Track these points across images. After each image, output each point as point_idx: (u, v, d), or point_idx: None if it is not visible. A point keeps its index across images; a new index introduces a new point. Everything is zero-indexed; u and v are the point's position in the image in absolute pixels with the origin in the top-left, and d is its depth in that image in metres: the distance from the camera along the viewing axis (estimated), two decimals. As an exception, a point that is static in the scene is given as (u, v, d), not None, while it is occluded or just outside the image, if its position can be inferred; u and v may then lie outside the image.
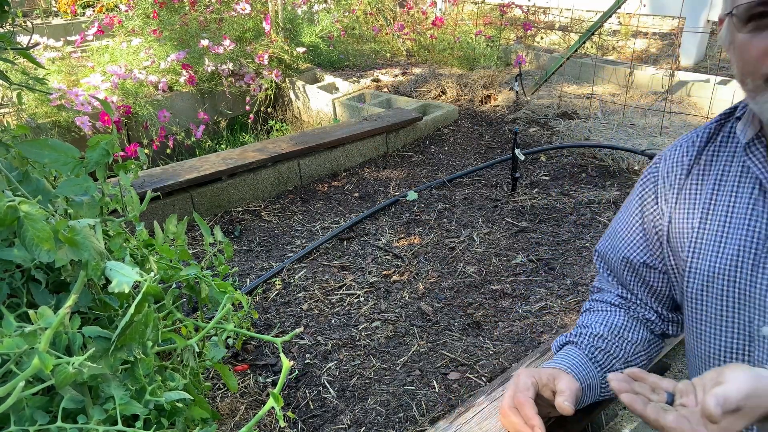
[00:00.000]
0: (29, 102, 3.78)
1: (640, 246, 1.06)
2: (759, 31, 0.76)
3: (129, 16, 5.07)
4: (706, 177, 0.96)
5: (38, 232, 0.77)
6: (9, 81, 1.26)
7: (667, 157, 1.03)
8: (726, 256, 0.90)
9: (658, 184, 1.02)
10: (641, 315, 1.10)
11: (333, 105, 4.57)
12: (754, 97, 0.81)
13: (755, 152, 0.88)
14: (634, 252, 1.06)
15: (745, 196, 0.90)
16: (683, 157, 0.99)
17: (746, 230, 0.88)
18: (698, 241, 0.95)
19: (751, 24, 0.77)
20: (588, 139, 3.70)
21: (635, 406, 0.78)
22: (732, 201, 0.91)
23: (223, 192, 3.10)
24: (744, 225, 0.88)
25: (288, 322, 2.18)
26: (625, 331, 1.06)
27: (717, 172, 0.95)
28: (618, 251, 1.09)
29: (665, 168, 1.02)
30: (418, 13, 6.40)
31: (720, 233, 0.92)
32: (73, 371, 0.73)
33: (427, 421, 1.70)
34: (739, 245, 0.89)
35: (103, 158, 1.07)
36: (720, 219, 0.92)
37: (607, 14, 4.07)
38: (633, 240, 1.07)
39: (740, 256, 0.89)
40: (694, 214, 0.96)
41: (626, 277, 1.10)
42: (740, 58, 0.81)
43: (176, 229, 1.42)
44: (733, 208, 0.91)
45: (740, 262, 0.89)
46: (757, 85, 0.79)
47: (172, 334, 1.12)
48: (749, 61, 0.78)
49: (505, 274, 2.43)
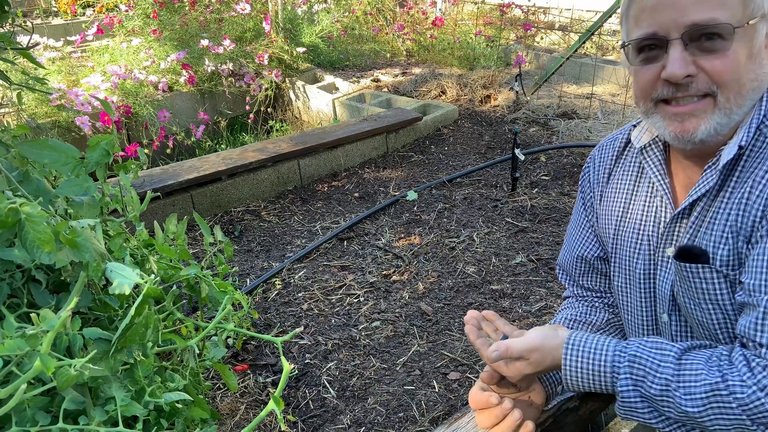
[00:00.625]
0: (29, 102, 3.78)
1: (591, 242, 1.16)
2: (647, 62, 0.88)
3: (129, 16, 5.07)
4: (623, 178, 1.07)
5: (39, 234, 0.77)
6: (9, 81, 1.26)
7: (595, 158, 1.14)
8: (642, 251, 1.02)
9: (592, 183, 1.14)
10: (601, 303, 1.19)
11: (333, 105, 4.57)
12: (647, 115, 0.93)
13: (650, 155, 1.00)
14: (587, 249, 1.16)
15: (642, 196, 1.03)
16: (605, 159, 1.12)
17: (656, 228, 1.00)
18: (618, 237, 1.07)
19: (642, 55, 0.88)
20: (588, 139, 3.70)
21: (471, 335, 1.00)
22: (647, 201, 1.02)
23: (223, 192, 3.10)
24: (654, 225, 1.00)
25: (288, 322, 2.18)
26: (585, 315, 1.17)
27: (634, 174, 1.06)
28: (573, 252, 1.19)
29: (593, 169, 1.14)
30: (418, 13, 6.40)
31: (636, 230, 1.03)
32: (74, 373, 0.73)
33: (427, 421, 1.70)
34: (649, 242, 1.01)
35: (104, 158, 1.07)
36: (637, 218, 1.03)
37: (607, 14, 4.07)
38: (584, 239, 1.17)
39: (649, 251, 1.01)
40: (613, 213, 1.08)
41: (584, 275, 1.20)
42: (635, 84, 0.93)
43: (176, 229, 1.42)
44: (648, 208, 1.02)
45: (649, 256, 1.01)
46: (648, 107, 0.91)
47: (172, 335, 1.13)
48: (641, 87, 0.90)
49: (505, 274, 2.43)
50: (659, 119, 0.90)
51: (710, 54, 0.82)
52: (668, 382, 0.83)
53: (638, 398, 0.87)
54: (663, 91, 0.87)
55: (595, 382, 0.90)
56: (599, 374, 0.89)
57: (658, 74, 0.86)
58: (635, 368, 0.87)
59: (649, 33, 0.85)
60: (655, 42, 0.86)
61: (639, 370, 0.86)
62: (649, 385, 0.85)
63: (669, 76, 0.84)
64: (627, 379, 0.87)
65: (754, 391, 0.77)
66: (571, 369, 0.91)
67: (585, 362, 0.90)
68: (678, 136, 0.87)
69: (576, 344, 0.91)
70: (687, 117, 0.86)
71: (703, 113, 0.85)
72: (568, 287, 1.25)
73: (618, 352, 0.89)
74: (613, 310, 1.18)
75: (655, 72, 0.86)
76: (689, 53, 0.83)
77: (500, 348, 0.92)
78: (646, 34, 0.86)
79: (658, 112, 0.89)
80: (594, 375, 0.90)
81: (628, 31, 0.91)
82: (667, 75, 0.84)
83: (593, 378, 0.90)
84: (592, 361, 0.90)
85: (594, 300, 1.19)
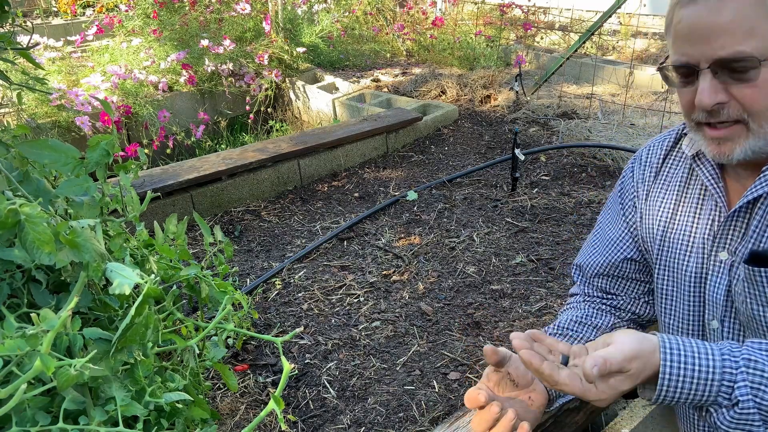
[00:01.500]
0: (29, 102, 3.78)
1: (624, 243, 1.15)
2: (685, 86, 0.91)
3: (129, 16, 5.07)
4: (672, 180, 1.07)
5: (39, 234, 0.77)
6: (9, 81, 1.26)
7: (641, 158, 1.14)
8: (692, 255, 1.01)
9: (636, 181, 1.12)
10: (608, 306, 1.18)
11: (333, 105, 4.57)
12: (692, 132, 0.95)
13: (703, 161, 1.00)
14: (619, 250, 1.15)
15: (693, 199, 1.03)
16: (653, 159, 1.11)
17: (708, 233, 0.99)
18: (666, 239, 1.05)
19: (679, 77, 0.92)
20: (588, 139, 3.70)
21: (533, 361, 0.80)
22: (699, 205, 1.02)
23: (223, 192, 3.10)
24: (706, 229, 1.00)
25: (288, 322, 2.18)
26: (590, 318, 1.15)
27: (682, 176, 1.06)
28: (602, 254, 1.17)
29: (639, 168, 1.13)
30: (418, 13, 6.40)
31: (687, 234, 1.02)
32: (74, 373, 0.73)
33: (427, 421, 1.70)
34: (702, 246, 1.00)
35: (104, 158, 1.07)
36: (687, 221, 1.02)
37: (607, 14, 4.07)
38: (618, 239, 1.15)
39: (701, 256, 1.00)
40: (660, 214, 1.07)
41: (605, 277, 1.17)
42: (680, 101, 0.95)
43: (176, 229, 1.42)
44: (700, 212, 1.01)
45: (701, 262, 1.00)
46: (692, 125, 0.94)
47: (173, 335, 1.13)
48: (684, 107, 0.94)
49: (505, 274, 2.43)
50: (700, 138, 0.93)
51: (740, 83, 0.84)
52: None
53: (755, 409, 0.76)
54: (699, 115, 0.90)
55: (698, 391, 0.78)
56: (706, 382, 0.77)
57: (693, 98, 0.89)
58: (751, 374, 0.76)
59: (682, 62, 0.89)
60: (687, 71, 0.89)
61: (755, 376, 0.76)
62: (765, 391, 0.75)
63: (698, 104, 0.88)
64: (746, 387, 0.76)
65: None
66: (672, 377, 0.77)
67: (690, 368, 0.77)
68: (716, 156, 0.91)
69: (676, 349, 0.79)
70: (723, 141, 0.89)
71: (737, 137, 0.88)
72: (580, 284, 1.23)
73: (727, 356, 0.78)
74: (619, 314, 1.17)
75: (691, 96, 0.90)
76: (719, 81, 0.86)
77: (598, 362, 0.75)
78: (679, 62, 0.89)
79: (699, 132, 0.93)
80: (699, 383, 0.77)
81: (669, 50, 0.94)
82: (696, 102, 0.88)
83: (697, 387, 0.78)
84: (698, 367, 0.77)
85: (602, 302, 1.18)
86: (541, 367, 0.80)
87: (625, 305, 1.17)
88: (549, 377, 0.80)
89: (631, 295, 1.17)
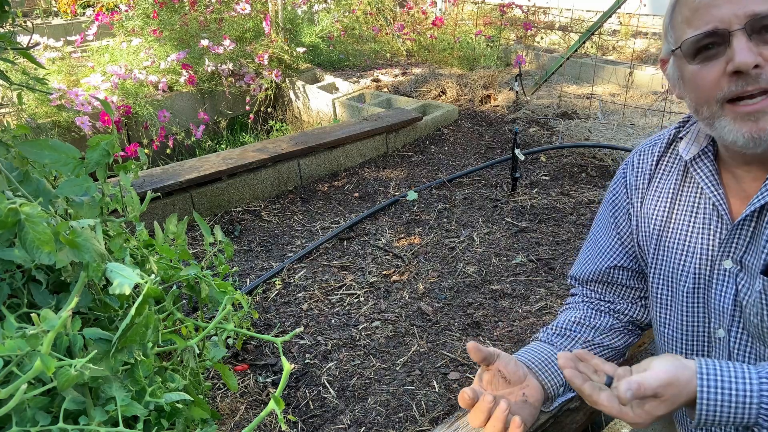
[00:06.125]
0: (29, 102, 3.78)
1: (617, 251, 1.13)
2: (707, 61, 0.84)
3: (129, 16, 5.06)
4: (665, 186, 1.04)
5: (39, 234, 0.77)
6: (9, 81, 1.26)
7: (633, 164, 1.10)
8: (688, 263, 0.99)
9: (630, 188, 1.10)
10: (607, 308, 1.17)
11: (333, 105, 4.57)
12: (711, 123, 0.87)
13: (701, 166, 0.97)
14: (612, 259, 1.14)
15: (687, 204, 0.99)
16: (645, 165, 1.08)
17: (706, 240, 0.97)
18: (661, 246, 1.03)
19: (699, 56, 0.85)
20: (588, 139, 3.70)
21: (575, 381, 0.83)
22: (693, 211, 0.99)
23: (223, 192, 3.10)
24: (704, 236, 0.97)
25: (288, 322, 2.18)
26: (589, 319, 1.14)
27: (676, 181, 1.02)
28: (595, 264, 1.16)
29: (632, 175, 1.09)
30: (418, 13, 6.40)
31: (682, 241, 1.00)
32: (75, 373, 0.73)
33: (427, 421, 1.70)
34: (700, 254, 0.97)
35: (104, 158, 1.07)
36: (682, 228, 1.00)
37: (607, 14, 4.07)
38: (610, 248, 1.14)
39: (700, 264, 0.97)
40: (654, 221, 1.04)
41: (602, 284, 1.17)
42: (693, 90, 0.88)
43: (176, 229, 1.42)
44: (694, 218, 0.99)
45: (700, 269, 0.97)
46: (713, 111, 0.86)
47: (173, 335, 1.13)
48: (703, 90, 0.86)
49: (505, 274, 2.43)
50: (728, 122, 0.84)
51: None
52: None
53: None
54: (731, 87, 0.82)
55: (738, 415, 0.78)
56: (743, 406, 0.78)
57: (722, 71, 0.82)
58: None
59: (709, 29, 0.82)
60: (713, 40, 0.82)
61: None
62: None
63: (739, 65, 0.80)
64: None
65: None
66: (710, 402, 0.78)
67: (727, 393, 0.78)
68: (754, 136, 0.82)
69: (712, 373, 0.79)
70: (762, 115, 0.81)
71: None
72: (578, 286, 1.23)
73: (764, 378, 0.78)
74: (618, 317, 1.16)
75: (719, 69, 0.83)
76: (754, 44, 0.80)
77: (632, 387, 0.77)
78: (705, 30, 0.82)
79: (726, 114, 0.84)
80: (738, 407, 0.78)
81: (677, 37, 0.88)
82: (736, 65, 0.80)
83: (736, 411, 0.78)
84: (735, 391, 0.78)
85: (601, 303, 1.18)
86: (582, 387, 0.82)
87: (623, 309, 1.17)
88: (589, 397, 0.81)
89: (627, 300, 1.17)
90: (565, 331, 1.12)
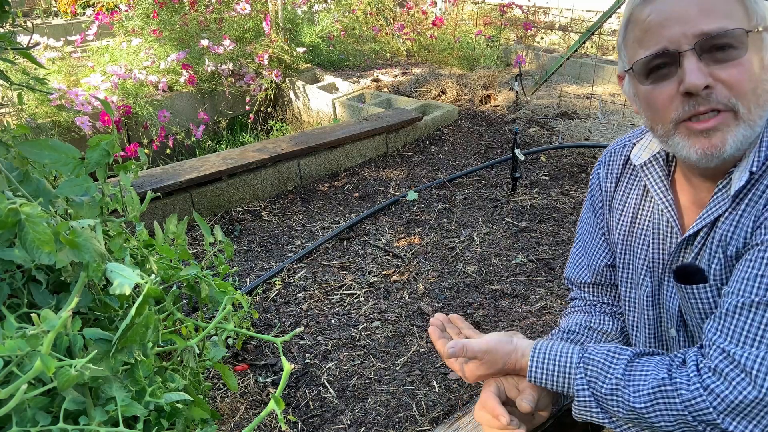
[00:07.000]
0: (29, 102, 3.78)
1: (603, 250, 1.14)
2: (659, 81, 0.84)
3: (129, 16, 5.06)
4: (633, 190, 1.06)
5: (39, 234, 0.77)
6: (9, 81, 1.26)
7: (603, 165, 1.13)
8: (647, 267, 1.02)
9: (602, 188, 1.12)
10: (611, 310, 1.18)
11: (333, 105, 4.57)
12: (666, 140, 0.88)
13: (651, 172, 0.99)
14: (599, 258, 1.15)
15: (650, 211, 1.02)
16: (614, 167, 1.10)
17: (659, 247, 1.00)
18: (625, 252, 1.06)
19: (651, 76, 0.85)
20: (588, 139, 3.70)
21: (432, 335, 1.07)
22: (654, 217, 1.01)
23: (223, 192, 3.10)
24: (659, 243, 1.00)
25: (288, 322, 2.18)
26: (599, 324, 1.15)
27: (642, 185, 1.04)
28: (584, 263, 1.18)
29: (603, 176, 1.12)
30: (418, 13, 6.40)
31: (645, 247, 1.02)
32: (75, 373, 0.73)
33: (427, 421, 1.70)
34: (654, 260, 1.01)
35: (104, 158, 1.07)
36: (646, 234, 1.02)
37: (607, 14, 4.07)
38: (597, 247, 1.15)
39: (654, 270, 1.01)
40: (620, 227, 1.07)
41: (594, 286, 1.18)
42: (647, 109, 0.89)
43: (176, 229, 1.42)
44: (655, 224, 1.01)
45: (654, 274, 1.01)
46: (667, 130, 0.86)
47: (173, 335, 1.12)
48: (656, 110, 0.86)
49: (505, 274, 2.43)
50: (682, 139, 0.85)
51: (725, 63, 0.79)
52: (617, 381, 0.87)
53: (591, 398, 0.91)
54: (684, 108, 0.82)
55: (559, 383, 0.95)
56: (563, 376, 0.94)
57: (674, 90, 0.82)
58: (589, 369, 0.92)
59: (659, 50, 0.82)
60: (665, 60, 0.82)
61: (591, 371, 0.91)
62: (600, 384, 0.89)
63: (689, 88, 0.80)
64: (581, 379, 0.92)
65: (696, 388, 0.79)
66: (537, 370, 0.96)
67: (550, 366, 0.96)
68: (706, 152, 0.82)
69: (543, 349, 0.97)
70: (713, 132, 0.81)
71: (726, 127, 0.81)
72: (575, 289, 1.24)
73: (584, 359, 0.93)
74: (622, 319, 1.17)
75: (671, 89, 0.83)
76: (704, 64, 0.80)
77: (457, 346, 0.97)
78: (655, 51, 0.82)
79: (680, 132, 0.85)
80: (558, 377, 0.95)
81: (630, 57, 0.88)
82: (686, 87, 0.80)
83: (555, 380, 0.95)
84: (556, 366, 0.95)
85: (603, 306, 1.18)
86: (437, 341, 1.05)
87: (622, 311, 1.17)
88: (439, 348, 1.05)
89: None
90: (576, 336, 1.13)
